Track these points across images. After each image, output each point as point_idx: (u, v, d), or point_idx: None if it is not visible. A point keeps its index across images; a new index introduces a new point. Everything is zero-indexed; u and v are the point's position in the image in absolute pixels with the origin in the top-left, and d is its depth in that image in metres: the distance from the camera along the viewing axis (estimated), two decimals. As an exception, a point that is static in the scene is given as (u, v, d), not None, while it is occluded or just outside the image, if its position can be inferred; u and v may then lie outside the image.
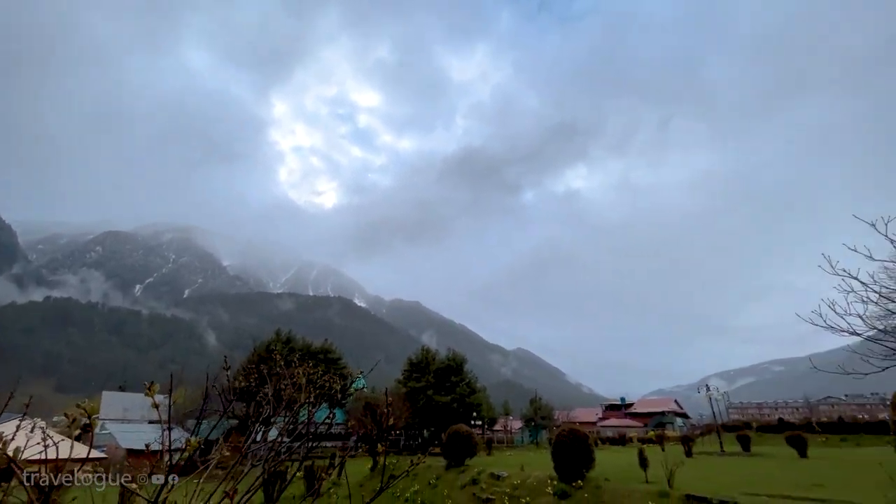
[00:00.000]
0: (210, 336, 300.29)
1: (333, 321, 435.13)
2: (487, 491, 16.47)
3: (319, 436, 2.12)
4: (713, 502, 11.66)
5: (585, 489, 14.13)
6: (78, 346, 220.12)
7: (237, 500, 1.39)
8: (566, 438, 15.38)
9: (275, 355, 2.29)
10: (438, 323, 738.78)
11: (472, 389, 52.72)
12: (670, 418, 79.86)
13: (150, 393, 1.15)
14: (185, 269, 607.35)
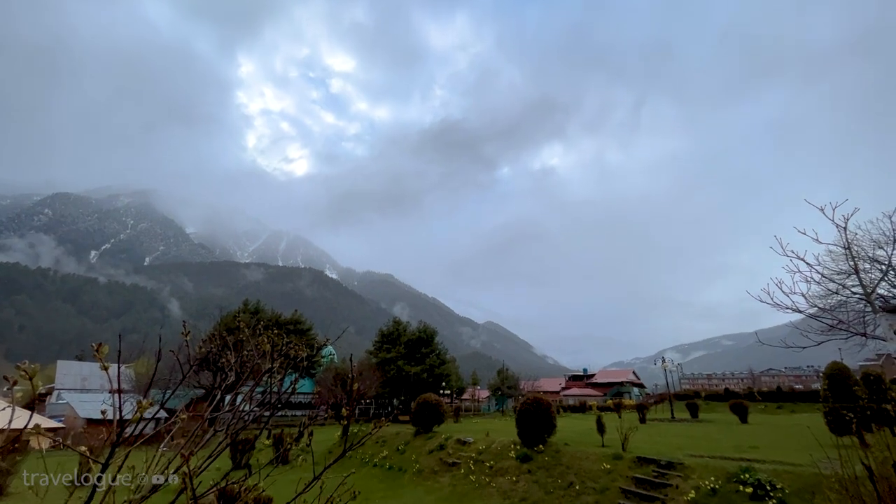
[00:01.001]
0: (173, 306, 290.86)
1: (304, 292, 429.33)
2: (454, 456, 17.14)
3: (286, 404, 2.11)
4: (661, 462, 12.60)
5: (546, 453, 14.94)
6: (28, 314, 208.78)
7: (198, 465, 1.38)
8: (530, 406, 16.10)
9: (240, 323, 2.24)
10: (410, 296, 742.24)
11: (441, 361, 53.83)
12: (628, 388, 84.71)
13: (99, 356, 1.10)
14: (144, 236, 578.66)
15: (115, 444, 1.14)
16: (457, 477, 15.70)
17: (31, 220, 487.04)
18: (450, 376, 54.87)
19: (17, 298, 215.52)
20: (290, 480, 1.47)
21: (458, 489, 14.81)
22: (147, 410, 1.64)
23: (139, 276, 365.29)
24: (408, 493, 15.07)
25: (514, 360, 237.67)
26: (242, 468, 14.77)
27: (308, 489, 1.43)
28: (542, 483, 13.52)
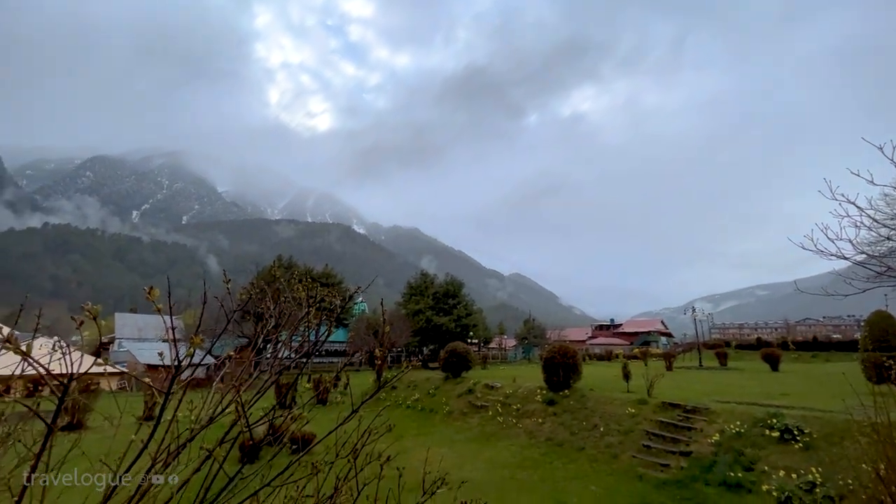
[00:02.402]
0: (211, 262, 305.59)
1: (333, 248, 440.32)
2: (482, 399, 17.98)
3: (322, 351, 2.23)
4: (686, 407, 12.82)
5: (571, 397, 15.44)
6: (84, 272, 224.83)
7: (247, 401, 1.53)
8: (556, 354, 16.47)
9: (275, 272, 2.34)
10: (437, 249, 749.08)
11: (468, 311, 55.12)
12: (655, 337, 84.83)
13: (151, 297, 1.19)
14: (179, 196, 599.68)
15: (172, 380, 1.26)
16: (485, 418, 16.56)
17: (76, 182, 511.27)
18: (477, 326, 56.36)
19: (71, 257, 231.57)
20: (329, 419, 1.59)
21: (487, 429, 15.67)
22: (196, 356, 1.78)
23: (178, 235, 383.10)
24: (439, 431, 16.08)
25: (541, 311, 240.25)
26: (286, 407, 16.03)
27: (348, 420, 1.55)
28: (567, 425, 14.09)
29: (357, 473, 1.50)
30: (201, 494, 1.38)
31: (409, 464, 2.12)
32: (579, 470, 11.33)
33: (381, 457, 1.62)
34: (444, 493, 1.60)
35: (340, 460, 1.55)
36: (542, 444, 13.49)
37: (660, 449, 11.54)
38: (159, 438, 1.37)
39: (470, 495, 1.54)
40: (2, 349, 1.82)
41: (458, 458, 12.19)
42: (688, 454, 10.90)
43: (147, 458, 1.41)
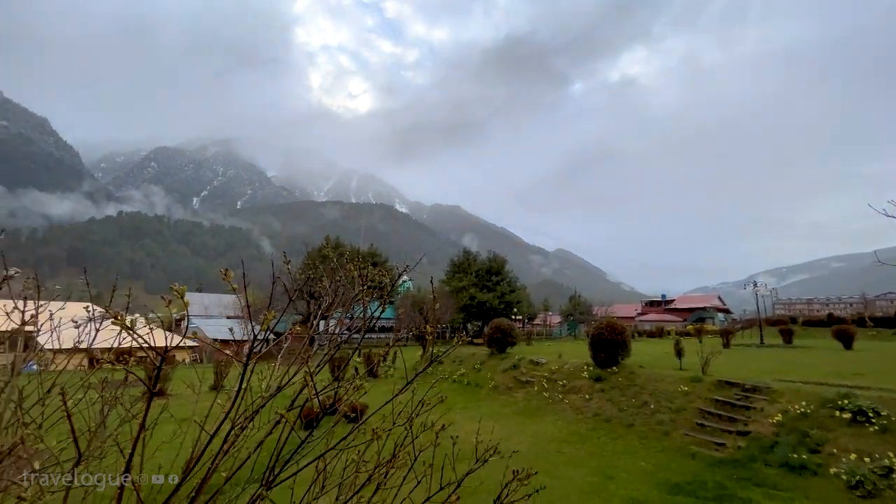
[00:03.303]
0: (265, 244, 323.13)
1: (377, 227, 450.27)
2: (527, 374, 18.09)
3: (371, 328, 2.35)
4: (745, 386, 12.22)
5: (619, 374, 15.17)
6: (155, 255, 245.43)
7: (308, 370, 1.67)
8: (603, 330, 16.14)
9: (328, 252, 2.46)
10: (478, 226, 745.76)
11: (512, 288, 54.95)
12: (711, 313, 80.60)
13: (227, 278, 1.31)
14: (233, 182, 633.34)
15: (249, 352, 1.39)
16: (530, 393, 16.68)
17: (143, 172, 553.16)
18: (521, 303, 56.18)
19: (144, 242, 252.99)
20: (379, 391, 1.69)
21: (533, 404, 15.81)
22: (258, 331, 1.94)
23: (234, 219, 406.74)
24: (485, 405, 16.43)
25: (587, 288, 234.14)
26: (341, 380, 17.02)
27: (402, 391, 1.64)
28: (615, 401, 13.91)
29: (413, 440, 1.60)
30: (275, 455, 1.53)
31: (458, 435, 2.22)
32: (628, 446, 11.23)
33: (433, 426, 1.70)
34: (495, 462, 1.67)
35: (397, 428, 1.65)
36: (589, 420, 13.45)
37: (715, 428, 11.16)
38: (236, 404, 1.53)
39: (520, 465, 1.59)
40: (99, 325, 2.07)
41: (504, 430, 12.43)
42: (746, 434, 10.47)
43: (228, 421, 1.58)
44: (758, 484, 8.59)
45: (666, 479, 8.93)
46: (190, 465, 1.61)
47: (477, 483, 1.68)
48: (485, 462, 1.60)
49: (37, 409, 1.89)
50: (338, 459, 1.80)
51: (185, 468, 1.65)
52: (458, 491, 1.50)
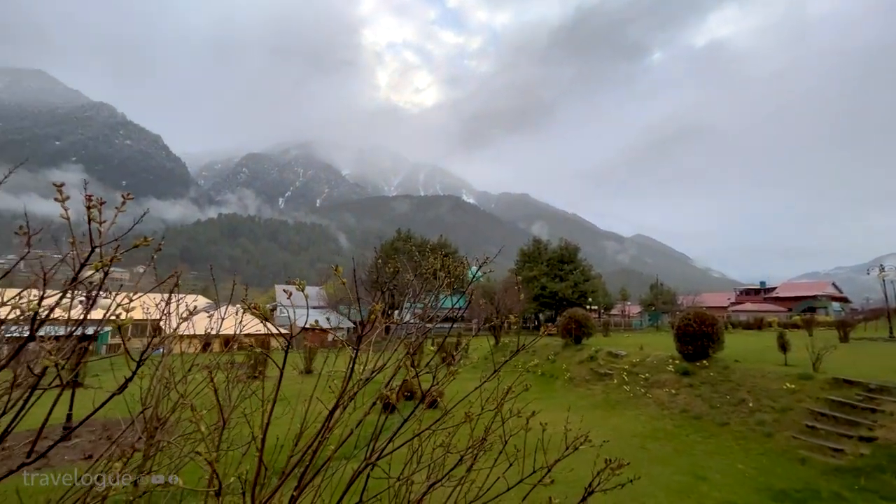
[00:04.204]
0: (342, 238, 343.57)
1: (445, 219, 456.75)
2: (605, 367, 17.37)
3: (443, 318, 2.45)
4: (869, 386, 10.64)
5: (710, 368, 13.98)
6: (250, 252, 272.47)
7: (385, 362, 1.81)
8: (691, 321, 14.95)
9: (410, 246, 2.59)
10: (548, 213, 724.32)
11: (586, 277, 52.82)
12: (824, 303, 70.65)
13: (338, 272, 1.46)
14: (312, 182, 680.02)
15: (359, 339, 1.53)
16: (609, 386, 16.02)
17: (236, 178, 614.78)
18: (596, 292, 53.83)
19: (240, 240, 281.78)
20: (451, 379, 1.76)
21: (612, 397, 15.18)
22: (336, 320, 2.12)
23: (315, 216, 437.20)
24: (560, 396, 16.10)
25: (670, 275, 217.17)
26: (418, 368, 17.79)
27: (489, 379, 1.71)
28: (706, 397, 12.87)
29: (503, 423, 1.66)
30: (376, 432, 1.68)
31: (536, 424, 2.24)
32: (721, 446, 10.36)
33: (520, 413, 1.75)
34: (581, 452, 1.67)
35: (485, 413, 1.72)
36: (675, 416, 12.61)
37: (830, 431, 9.87)
38: (347, 388, 1.70)
39: (606, 457, 1.58)
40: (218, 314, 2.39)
41: (582, 423, 12.10)
42: (871, 440, 9.13)
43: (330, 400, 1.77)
44: (885, 497, 7.49)
45: (768, 484, 8.13)
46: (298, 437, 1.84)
47: (568, 471, 1.70)
48: (576, 449, 1.61)
49: (179, 385, 2.26)
50: (428, 441, 1.92)
51: (295, 439, 1.88)
52: (549, 476, 1.53)
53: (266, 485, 1.62)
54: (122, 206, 1.13)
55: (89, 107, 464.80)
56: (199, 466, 2.01)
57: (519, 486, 1.59)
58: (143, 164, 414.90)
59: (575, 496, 1.43)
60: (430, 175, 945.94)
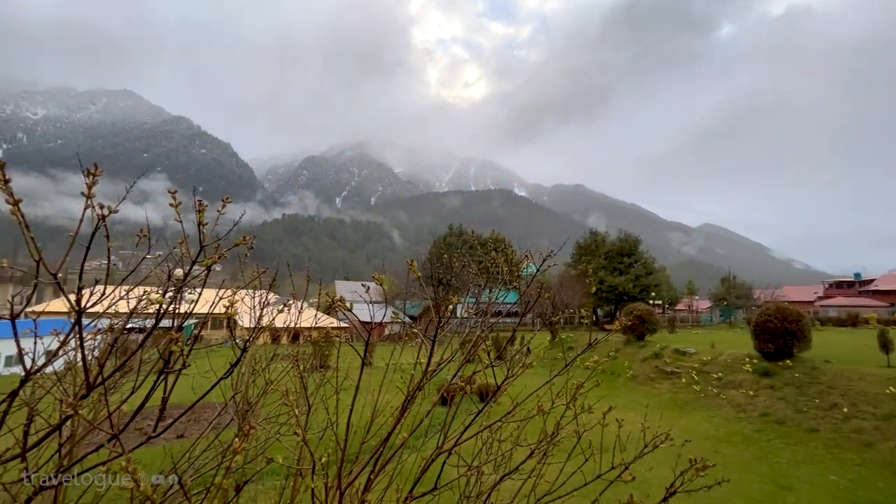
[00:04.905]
0: (395, 235, 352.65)
1: (496, 213, 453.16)
2: (672, 365, 16.41)
3: (496, 313, 2.45)
4: None
5: (795, 369, 12.73)
6: (311, 250, 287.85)
7: (442, 356, 1.85)
8: (772, 317, 13.66)
9: (473, 241, 2.61)
10: (605, 204, 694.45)
11: (648, 270, 50.10)
12: (936, 297, 61.51)
13: (378, 280, 1.52)
14: (367, 181, 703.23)
15: (436, 333, 1.59)
16: (677, 385, 15.12)
17: (297, 180, 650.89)
18: (659, 286, 50.94)
19: (302, 239, 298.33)
20: (505, 374, 1.75)
21: (680, 397, 14.32)
22: (392, 315, 2.18)
23: (370, 214, 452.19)
24: (623, 395, 15.44)
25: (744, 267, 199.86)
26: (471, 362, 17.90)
27: (559, 374, 1.68)
28: (790, 400, 11.75)
29: (575, 418, 1.64)
30: (447, 422, 1.73)
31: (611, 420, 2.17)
32: (810, 454, 9.42)
33: (591, 409, 1.71)
34: (663, 450, 1.61)
35: (558, 408, 1.71)
36: (754, 420, 11.64)
37: (948, 443, 8.62)
38: (419, 380, 1.76)
39: (678, 459, 1.50)
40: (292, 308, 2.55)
41: (649, 423, 11.55)
42: None
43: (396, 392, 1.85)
44: None
45: (869, 499, 7.28)
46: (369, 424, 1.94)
47: (647, 469, 1.64)
48: (656, 447, 1.55)
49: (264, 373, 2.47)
50: (495, 434, 1.94)
51: (366, 426, 1.98)
52: (626, 473, 1.49)
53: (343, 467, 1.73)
54: (222, 210, 1.25)
55: (170, 121, 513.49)
56: (283, 447, 2.18)
57: (595, 482, 1.56)
58: (217, 170, 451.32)
59: (655, 496, 1.37)
60: (481, 169, 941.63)
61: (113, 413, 1.18)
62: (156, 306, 1.50)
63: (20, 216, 0.92)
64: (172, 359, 1.25)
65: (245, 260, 1.89)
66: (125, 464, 0.74)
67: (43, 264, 1.00)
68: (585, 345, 6.96)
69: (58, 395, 1.47)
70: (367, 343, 1.63)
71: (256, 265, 2.35)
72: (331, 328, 27.64)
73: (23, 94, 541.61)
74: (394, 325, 35.02)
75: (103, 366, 1.26)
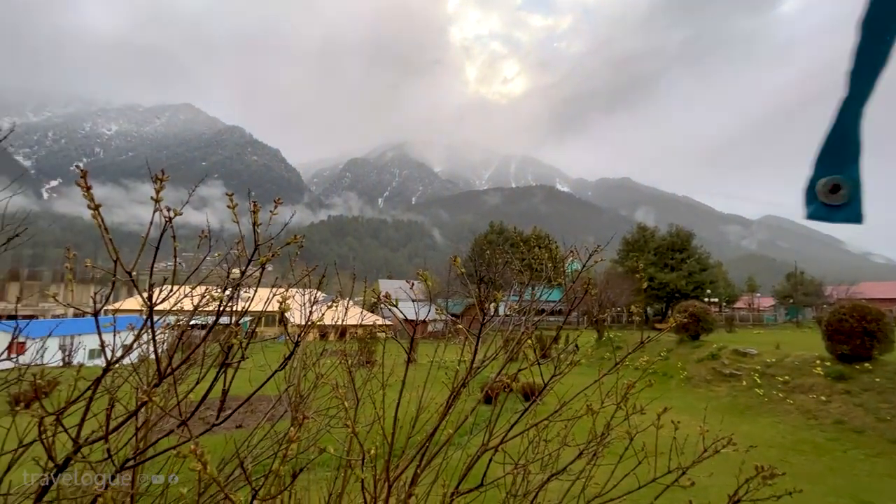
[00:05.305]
0: (436, 234, 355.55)
1: (538, 209, 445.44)
2: (731, 366, 15.41)
3: (539, 311, 2.39)
4: None
5: (875, 373, 11.55)
6: (355, 249, 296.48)
7: (484, 355, 1.82)
8: (847, 316, 12.47)
9: (516, 237, 2.58)
10: (654, 197, 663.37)
11: (702, 266, 47.29)
12: None
13: (423, 276, 1.53)
14: (408, 181, 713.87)
15: (480, 330, 1.59)
16: (737, 388, 14.18)
17: (341, 182, 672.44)
18: (715, 283, 47.98)
19: (347, 239, 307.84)
20: (549, 372, 1.70)
21: (741, 401, 13.41)
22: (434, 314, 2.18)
23: (411, 213, 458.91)
24: (676, 397, 14.68)
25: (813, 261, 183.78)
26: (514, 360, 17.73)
27: (608, 374, 1.63)
28: (870, 407, 10.68)
29: (627, 419, 1.57)
30: (493, 419, 1.72)
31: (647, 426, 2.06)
32: (894, 467, 8.52)
33: (643, 410, 1.64)
34: (724, 455, 1.51)
35: (607, 408, 1.65)
36: (827, 427, 10.69)
37: None
38: (466, 377, 1.77)
39: (736, 469, 1.40)
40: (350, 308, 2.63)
41: (708, 427, 10.93)
42: None
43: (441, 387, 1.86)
44: None
45: (970, 520, 6.48)
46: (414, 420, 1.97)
47: (706, 475, 1.55)
48: (717, 452, 1.46)
49: (314, 368, 2.57)
50: (541, 433, 1.90)
51: (412, 422, 2.01)
52: (684, 478, 1.41)
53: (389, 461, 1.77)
54: (275, 210, 1.32)
55: (225, 130, 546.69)
56: (333, 438, 2.27)
57: (650, 486, 1.49)
58: (267, 176, 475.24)
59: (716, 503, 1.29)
60: (521, 166, 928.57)
61: (181, 402, 1.28)
62: (216, 304, 1.61)
63: (100, 220, 1.02)
64: (231, 353, 1.33)
65: (295, 259, 1.98)
66: (194, 447, 0.80)
67: (120, 264, 1.10)
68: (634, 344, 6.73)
69: (133, 383, 1.61)
70: (412, 339, 1.65)
71: (305, 265, 2.45)
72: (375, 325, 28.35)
73: (99, 112, 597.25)
74: (436, 323, 35.36)
75: (172, 358, 1.36)
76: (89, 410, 1.20)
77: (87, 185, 1.01)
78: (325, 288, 2.91)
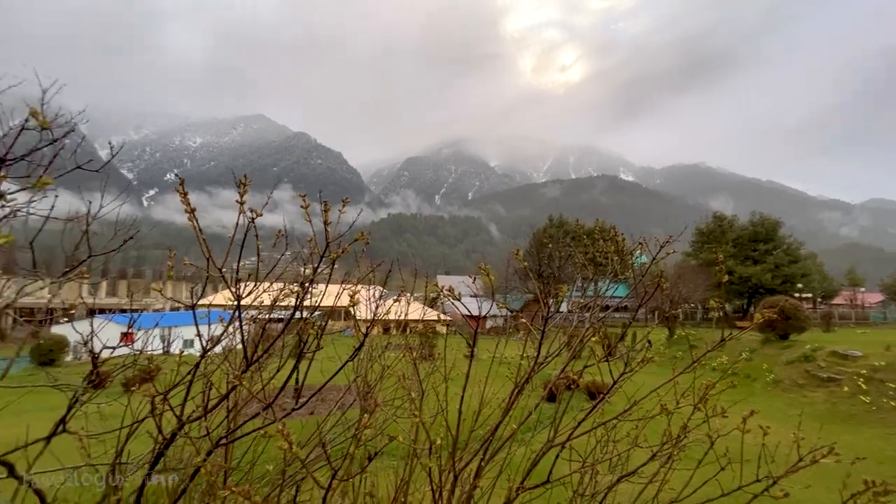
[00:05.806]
0: (493, 229, 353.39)
1: (599, 200, 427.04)
2: (828, 370, 13.74)
3: (605, 307, 2.28)
4: None
5: None
6: (414, 246, 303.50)
7: (548, 352, 1.78)
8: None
9: (578, 232, 2.49)
10: (732, 183, 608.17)
11: (792, 258, 42.54)
12: None
13: (485, 272, 1.52)
14: (464, 177, 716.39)
15: (544, 327, 1.57)
16: (836, 394, 12.62)
17: (399, 181, 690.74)
18: (807, 276, 42.97)
19: (405, 236, 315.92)
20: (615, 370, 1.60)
21: (841, 409, 11.92)
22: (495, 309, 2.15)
23: (467, 209, 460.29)
24: (762, 402, 13.38)
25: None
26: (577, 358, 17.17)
27: (684, 372, 1.53)
28: None
29: (706, 421, 1.47)
30: (559, 416, 1.69)
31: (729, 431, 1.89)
32: None
33: (725, 412, 1.52)
34: (824, 467, 1.35)
35: (683, 409, 1.55)
36: (955, 443, 9.20)
37: None
38: (531, 372, 1.76)
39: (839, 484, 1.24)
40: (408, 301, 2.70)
41: (803, 435, 9.87)
42: None
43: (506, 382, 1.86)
44: None
45: None
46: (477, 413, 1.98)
47: (802, 487, 1.41)
48: (814, 462, 1.32)
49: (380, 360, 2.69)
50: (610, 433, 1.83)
51: (474, 415, 2.03)
52: (775, 488, 1.29)
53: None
54: (343, 209, 1.40)
55: (292, 137, 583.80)
56: (399, 428, 2.35)
57: (734, 494, 1.38)
58: (330, 178, 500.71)
59: (815, 519, 1.16)
60: (581, 156, 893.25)
61: (264, 387, 1.41)
62: (292, 299, 1.74)
63: (195, 222, 1.14)
64: (307, 344, 1.44)
65: (361, 257, 2.08)
66: (281, 428, 0.88)
67: (212, 261, 1.22)
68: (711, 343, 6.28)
69: (224, 370, 1.80)
70: (475, 334, 1.66)
71: (370, 262, 2.56)
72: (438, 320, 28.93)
73: (186, 127, 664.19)
74: (495, 319, 35.15)
75: (256, 348, 1.50)
76: (189, 392, 1.36)
77: (184, 191, 1.13)
78: (387, 284, 3.01)
